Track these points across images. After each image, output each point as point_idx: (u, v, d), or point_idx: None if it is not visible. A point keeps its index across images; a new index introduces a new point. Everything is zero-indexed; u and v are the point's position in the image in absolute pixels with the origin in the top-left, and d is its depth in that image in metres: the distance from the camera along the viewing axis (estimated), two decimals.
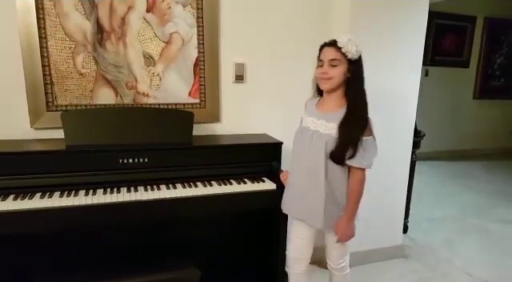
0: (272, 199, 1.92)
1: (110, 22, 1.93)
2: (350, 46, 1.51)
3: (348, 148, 1.55)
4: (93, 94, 1.98)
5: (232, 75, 2.21)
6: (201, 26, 2.07)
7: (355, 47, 1.52)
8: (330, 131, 1.57)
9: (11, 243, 1.81)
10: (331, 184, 1.63)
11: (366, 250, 2.62)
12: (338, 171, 1.61)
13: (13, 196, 1.63)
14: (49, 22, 1.84)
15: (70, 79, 1.93)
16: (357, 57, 1.55)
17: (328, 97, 1.65)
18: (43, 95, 1.90)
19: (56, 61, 1.89)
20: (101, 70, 1.97)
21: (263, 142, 2.13)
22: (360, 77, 1.60)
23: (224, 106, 2.25)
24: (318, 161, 1.59)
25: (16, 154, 1.70)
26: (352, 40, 1.53)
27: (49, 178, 1.71)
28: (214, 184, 1.88)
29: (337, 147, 1.55)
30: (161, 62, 2.06)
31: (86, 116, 1.82)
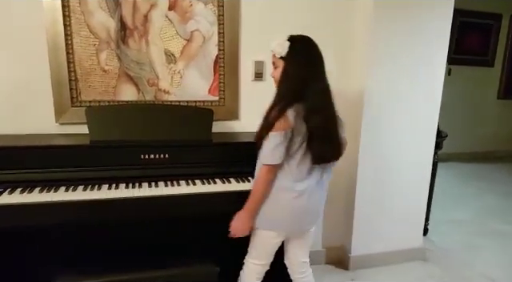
0: None
1: (132, 20, 1.96)
2: (276, 48, 1.59)
3: (258, 146, 1.60)
4: (115, 90, 2.02)
5: (251, 73, 2.21)
6: (221, 24, 2.09)
7: (281, 47, 1.57)
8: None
9: (35, 234, 1.86)
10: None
11: (386, 251, 2.61)
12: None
13: (38, 189, 1.68)
14: (74, 19, 1.89)
15: (93, 76, 1.98)
16: (284, 55, 1.57)
17: None
18: (68, 91, 1.95)
19: (80, 58, 1.94)
20: (123, 67, 2.01)
21: None
22: (285, 73, 1.59)
23: (243, 103, 2.26)
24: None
25: (42, 148, 1.75)
26: (281, 43, 1.59)
27: (73, 172, 1.75)
28: (233, 181, 1.89)
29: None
30: (182, 59, 2.09)
31: (110, 112, 1.86)
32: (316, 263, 2.55)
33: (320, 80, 1.58)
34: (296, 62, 1.57)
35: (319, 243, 2.59)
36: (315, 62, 1.58)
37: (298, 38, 1.64)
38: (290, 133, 1.51)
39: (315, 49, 1.62)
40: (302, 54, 1.58)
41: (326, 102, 1.58)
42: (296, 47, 1.58)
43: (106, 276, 1.52)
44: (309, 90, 1.54)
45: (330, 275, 2.49)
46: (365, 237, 2.53)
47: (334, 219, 2.57)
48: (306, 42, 1.65)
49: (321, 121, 1.53)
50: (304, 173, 1.59)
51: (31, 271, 1.87)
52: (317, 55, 1.60)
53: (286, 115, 1.50)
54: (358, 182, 2.42)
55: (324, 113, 1.56)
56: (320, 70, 1.59)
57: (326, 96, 1.58)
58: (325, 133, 1.56)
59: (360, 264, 2.56)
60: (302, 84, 1.54)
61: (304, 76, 1.55)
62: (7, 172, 1.71)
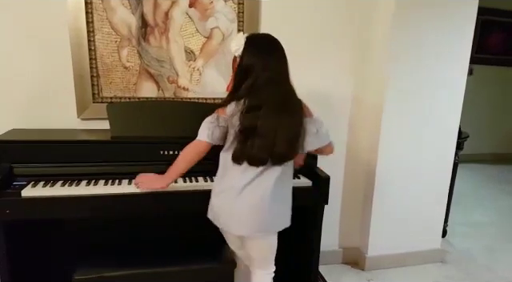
0: (307, 196, 1.91)
1: (153, 17, 1.98)
2: (233, 46, 1.55)
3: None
4: (136, 87, 2.05)
5: None
6: (241, 21, 2.09)
7: (237, 44, 1.53)
8: None
9: (57, 226, 1.91)
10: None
11: (403, 252, 2.57)
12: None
13: (60, 182, 1.72)
14: (96, 16, 1.92)
15: (114, 72, 2.01)
16: (240, 52, 1.52)
17: None
18: (90, 87, 1.98)
19: (102, 54, 1.97)
20: (144, 64, 2.03)
21: None
22: (238, 67, 1.54)
23: None
24: None
25: (64, 142, 1.79)
26: (238, 39, 1.54)
27: (94, 166, 1.78)
28: None
29: None
30: (201, 57, 2.10)
31: (130, 108, 1.89)
32: (332, 262, 2.55)
33: (276, 82, 1.49)
34: (249, 55, 1.50)
35: (336, 243, 2.57)
36: (272, 60, 1.51)
37: (255, 34, 1.63)
38: (223, 119, 1.51)
39: (274, 47, 1.56)
40: (258, 48, 1.52)
41: (273, 103, 1.47)
42: (252, 42, 1.53)
43: (125, 270, 1.54)
44: (256, 88, 1.47)
45: (347, 276, 2.47)
46: (382, 238, 2.50)
47: (351, 220, 2.55)
48: (263, 39, 1.61)
49: (252, 120, 1.45)
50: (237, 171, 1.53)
51: (52, 262, 1.92)
52: (275, 54, 1.54)
53: (226, 106, 1.52)
54: (377, 182, 2.40)
55: (264, 112, 1.46)
56: (277, 70, 1.51)
57: (278, 100, 1.48)
58: (254, 133, 1.46)
59: (377, 265, 2.53)
60: (251, 79, 1.47)
61: (253, 71, 1.47)
62: (30, 166, 1.75)
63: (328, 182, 1.90)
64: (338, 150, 2.37)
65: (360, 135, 2.43)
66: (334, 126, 2.33)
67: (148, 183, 1.63)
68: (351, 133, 2.43)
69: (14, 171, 1.73)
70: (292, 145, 1.53)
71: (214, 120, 1.53)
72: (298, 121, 1.53)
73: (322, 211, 1.96)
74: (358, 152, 2.46)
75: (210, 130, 1.52)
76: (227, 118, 1.51)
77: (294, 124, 1.52)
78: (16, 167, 1.74)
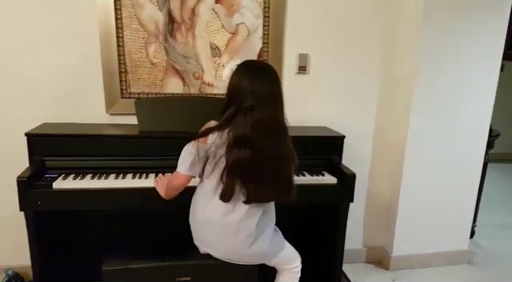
0: (332, 194, 1.91)
1: (180, 13, 2.00)
2: (225, 72, 1.62)
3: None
4: (163, 83, 2.08)
5: (295, 66, 2.20)
6: (267, 17, 2.08)
7: (229, 71, 1.57)
8: None
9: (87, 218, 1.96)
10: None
11: (429, 253, 2.52)
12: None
13: (90, 176, 1.77)
14: (125, 12, 1.95)
15: (142, 68, 2.04)
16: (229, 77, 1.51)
17: None
18: (118, 83, 2.02)
19: (130, 50, 2.00)
20: (171, 61, 2.06)
21: (324, 135, 2.11)
22: (226, 95, 1.50)
23: (285, 97, 2.21)
24: None
25: (94, 137, 1.84)
26: (231, 66, 1.58)
27: (122, 160, 1.83)
28: None
29: None
30: (226, 53, 2.11)
31: (157, 104, 1.92)
32: (356, 261, 2.52)
33: (262, 109, 1.40)
34: (236, 82, 1.44)
35: (360, 241, 2.54)
36: (258, 88, 1.40)
37: (247, 61, 1.56)
38: (202, 149, 1.44)
39: (262, 70, 1.48)
40: (246, 75, 1.43)
41: (265, 136, 1.40)
42: (244, 68, 1.48)
43: (150, 262, 1.57)
44: (244, 116, 1.39)
45: (371, 275, 2.44)
46: (407, 237, 2.45)
47: (376, 218, 2.52)
48: (257, 65, 1.57)
49: (241, 154, 1.39)
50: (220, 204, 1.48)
51: (80, 253, 1.98)
52: (263, 78, 1.44)
53: (208, 136, 1.44)
54: (404, 180, 2.35)
55: (254, 147, 1.39)
56: (265, 99, 1.41)
57: (265, 129, 1.40)
58: (243, 171, 1.42)
59: (401, 265, 2.49)
60: (236, 107, 1.41)
61: (238, 97, 1.41)
62: (61, 159, 1.81)
63: (354, 179, 1.88)
64: (364, 145, 2.38)
65: (387, 131, 2.39)
66: (361, 121, 2.36)
67: (159, 188, 1.65)
68: (378, 128, 2.39)
69: (46, 163, 1.80)
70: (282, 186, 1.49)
71: (193, 150, 1.45)
72: (289, 152, 1.48)
73: (347, 209, 1.95)
74: (385, 149, 2.42)
75: (189, 163, 1.46)
76: (207, 147, 1.44)
77: (286, 158, 1.47)
78: (48, 160, 1.80)
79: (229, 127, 1.41)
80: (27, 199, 1.64)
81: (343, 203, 1.93)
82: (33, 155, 1.79)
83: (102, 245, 1.73)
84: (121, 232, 1.89)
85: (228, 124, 1.42)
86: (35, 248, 1.74)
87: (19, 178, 1.62)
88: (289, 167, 1.48)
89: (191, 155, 1.46)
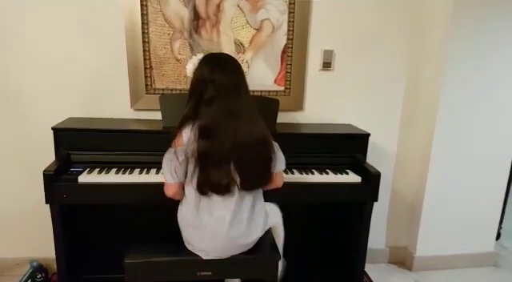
0: (356, 193, 1.88)
1: (205, 10, 2.00)
2: (189, 67, 1.55)
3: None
4: (187, 79, 2.07)
5: (319, 63, 2.17)
6: (292, 12, 2.06)
7: (193, 65, 1.52)
8: None
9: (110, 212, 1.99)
10: None
11: (453, 254, 2.47)
12: None
13: (115, 170, 1.79)
14: (151, 8, 1.96)
15: (167, 64, 2.05)
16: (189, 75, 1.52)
17: None
18: (143, 79, 2.03)
19: (155, 46, 2.01)
20: None
21: (349, 132, 2.08)
22: (190, 87, 1.50)
23: (308, 94, 2.22)
24: None
25: (119, 131, 1.86)
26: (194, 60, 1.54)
27: (147, 155, 1.84)
28: (296, 172, 1.88)
29: None
30: (250, 49, 2.10)
31: (181, 100, 1.91)
32: (378, 261, 2.49)
33: (225, 97, 1.41)
34: (197, 75, 1.47)
35: (382, 241, 2.50)
36: (219, 79, 1.41)
37: (207, 54, 1.55)
38: (181, 152, 1.41)
39: (223, 61, 1.50)
40: (206, 67, 1.45)
41: (229, 124, 1.40)
42: (204, 60, 1.49)
43: (172, 256, 1.57)
44: (206, 107, 1.41)
45: (393, 275, 2.41)
46: (431, 238, 2.41)
47: (400, 218, 2.47)
48: (216, 56, 1.56)
49: (206, 145, 1.38)
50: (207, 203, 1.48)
51: (104, 245, 2.01)
52: (225, 67, 1.45)
53: (181, 134, 1.43)
54: (429, 180, 2.30)
55: (220, 136, 1.39)
56: (225, 89, 1.41)
57: (229, 116, 1.40)
58: (212, 160, 1.40)
59: (425, 266, 2.44)
60: (199, 99, 1.42)
61: (201, 90, 1.42)
62: (86, 153, 1.83)
63: (378, 178, 1.85)
64: (388, 144, 2.33)
65: (413, 130, 2.34)
66: (386, 120, 2.32)
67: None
68: (403, 127, 2.35)
69: (72, 157, 1.83)
70: (263, 166, 1.48)
71: (172, 157, 1.44)
72: (260, 135, 1.45)
73: (371, 208, 1.92)
74: (410, 148, 2.37)
75: (172, 171, 1.45)
76: (185, 148, 1.41)
77: (256, 139, 1.44)
78: (73, 154, 1.83)
79: (195, 120, 1.42)
80: (53, 192, 1.67)
81: (367, 202, 1.90)
82: (59, 149, 1.82)
83: (125, 238, 1.73)
84: (144, 226, 1.90)
85: (193, 117, 1.43)
86: (60, 241, 1.77)
87: (45, 171, 1.65)
88: (257, 153, 1.45)
89: (171, 161, 1.45)
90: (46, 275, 2.08)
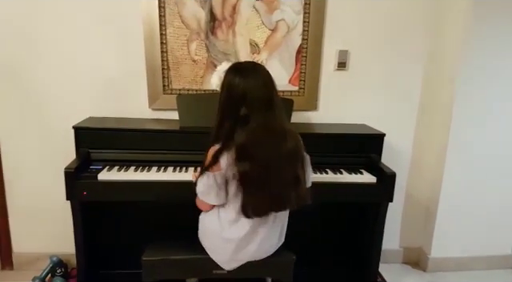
0: (371, 193, 1.88)
1: (222, 11, 2.03)
2: (214, 81, 1.58)
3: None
4: (203, 80, 2.12)
5: (334, 63, 2.17)
6: (307, 13, 2.07)
7: (218, 78, 1.52)
8: None
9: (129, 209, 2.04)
10: None
11: (469, 256, 2.45)
12: None
13: (133, 168, 1.83)
14: (168, 10, 2.00)
15: (183, 65, 2.09)
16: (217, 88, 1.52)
17: None
18: (161, 79, 2.08)
19: (173, 48, 2.05)
20: (211, 58, 2.09)
21: (364, 132, 2.08)
22: (218, 106, 1.41)
23: (322, 94, 2.23)
24: None
25: (138, 131, 1.90)
26: (219, 72, 1.54)
27: (164, 154, 1.88)
28: None
29: None
30: (265, 49, 2.12)
31: (198, 100, 1.96)
32: (392, 262, 2.48)
33: (260, 112, 1.33)
34: (228, 90, 1.36)
35: (396, 242, 2.50)
36: (251, 94, 1.32)
37: (236, 64, 1.46)
38: (219, 176, 1.37)
39: (255, 77, 1.37)
40: (235, 79, 1.34)
41: (266, 142, 1.34)
42: (233, 72, 1.37)
43: (189, 254, 1.60)
44: (242, 126, 1.33)
45: (407, 276, 2.39)
46: (447, 239, 2.39)
47: (414, 219, 2.46)
48: (244, 66, 1.44)
49: (247, 168, 1.32)
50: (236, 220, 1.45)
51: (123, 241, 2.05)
52: (256, 85, 1.35)
53: (219, 161, 1.36)
54: (444, 180, 2.28)
55: (259, 155, 1.33)
56: (258, 105, 1.33)
57: (266, 133, 1.34)
58: (256, 182, 1.35)
59: (439, 267, 2.42)
60: (236, 118, 1.33)
61: (236, 107, 1.33)
62: (106, 151, 1.88)
63: (394, 179, 1.85)
64: (403, 144, 2.33)
65: (429, 130, 2.33)
66: (401, 120, 2.31)
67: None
68: (419, 127, 2.34)
69: (91, 155, 1.88)
70: (297, 186, 1.41)
71: (211, 181, 1.38)
72: (295, 153, 1.40)
73: (386, 209, 1.92)
74: (425, 148, 2.36)
75: (215, 195, 1.41)
76: (223, 173, 1.37)
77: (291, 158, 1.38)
78: (93, 152, 1.88)
79: (231, 143, 1.34)
80: (73, 189, 1.72)
81: (382, 202, 1.90)
82: (79, 148, 1.87)
83: (142, 234, 1.79)
84: (161, 222, 1.94)
85: (229, 140, 1.35)
86: (80, 236, 1.83)
87: (66, 169, 1.71)
88: (294, 168, 1.40)
89: (212, 187, 1.40)
90: (65, 270, 2.14)
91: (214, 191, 1.41)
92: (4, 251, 2.23)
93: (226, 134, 1.35)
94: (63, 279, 2.06)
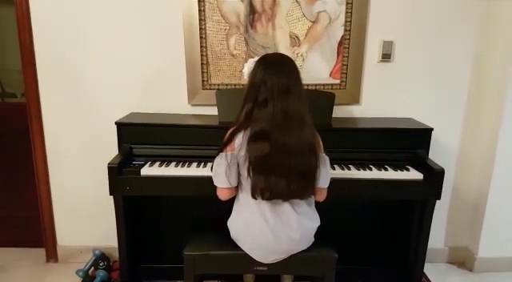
0: (418, 191, 1.80)
1: (261, 4, 1.99)
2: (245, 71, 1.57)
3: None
4: (242, 75, 2.08)
5: (378, 54, 2.09)
6: (350, 3, 1.99)
7: (248, 68, 1.53)
8: None
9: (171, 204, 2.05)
10: None
11: (494, 257, 2.32)
12: None
13: (174, 163, 1.84)
14: (208, 4, 1.98)
15: (222, 60, 2.07)
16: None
17: None
18: (200, 74, 2.07)
19: (212, 42, 2.03)
20: (250, 52, 2.06)
21: (411, 127, 1.99)
22: (245, 93, 1.47)
23: (365, 87, 2.15)
24: None
25: (179, 126, 1.90)
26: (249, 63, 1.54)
27: (204, 150, 1.86)
28: (352, 168, 1.83)
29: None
30: (306, 42, 2.06)
31: (237, 95, 1.90)
32: (436, 261, 2.39)
33: (278, 99, 1.38)
34: (251, 78, 1.46)
35: (441, 240, 2.39)
36: (270, 80, 1.39)
37: (263, 56, 1.52)
38: (231, 157, 1.43)
39: (279, 62, 1.46)
40: (259, 69, 1.43)
41: (281, 127, 1.37)
42: (258, 62, 1.46)
43: (230, 250, 1.59)
44: (260, 109, 1.39)
45: (453, 277, 2.29)
46: (495, 238, 2.27)
47: (460, 217, 2.35)
48: (270, 56, 1.52)
49: (260, 149, 1.37)
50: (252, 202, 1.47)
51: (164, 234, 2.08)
52: (276, 73, 1.40)
53: (234, 140, 1.43)
54: (494, 177, 2.16)
55: (271, 139, 1.37)
56: (276, 91, 1.38)
57: (282, 119, 1.37)
58: (264, 164, 1.38)
59: (487, 267, 2.31)
60: (254, 103, 1.41)
61: (256, 93, 1.40)
62: (147, 147, 1.90)
63: (442, 175, 1.77)
64: (451, 139, 2.22)
65: (477, 124, 2.21)
66: (448, 114, 2.21)
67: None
68: (467, 121, 2.23)
69: (134, 151, 1.90)
70: (307, 178, 1.43)
71: (223, 161, 1.44)
72: (309, 144, 1.41)
73: (433, 207, 1.84)
74: (474, 144, 2.24)
75: (224, 175, 1.45)
76: (236, 153, 1.43)
77: (304, 148, 1.40)
78: (135, 148, 1.90)
79: (249, 125, 1.41)
80: (117, 184, 1.75)
81: (429, 200, 1.82)
82: (121, 143, 1.90)
83: (182, 228, 1.81)
84: (200, 217, 1.92)
85: (247, 122, 1.41)
86: (122, 231, 1.86)
87: (110, 164, 1.73)
88: (307, 159, 1.41)
89: (222, 166, 1.45)
90: (107, 263, 2.19)
91: (222, 171, 1.44)
92: (49, 243, 2.30)
93: (245, 115, 1.43)
94: (106, 272, 2.11)
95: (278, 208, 1.48)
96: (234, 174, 1.46)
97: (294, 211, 1.49)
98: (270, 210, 1.47)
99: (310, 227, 1.54)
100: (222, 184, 1.49)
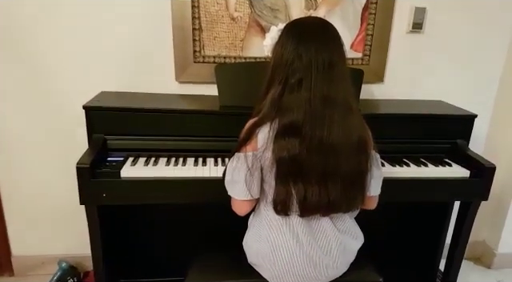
0: (462, 191, 1.52)
1: None
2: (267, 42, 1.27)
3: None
4: (243, 44, 1.68)
5: (408, 23, 1.75)
6: None
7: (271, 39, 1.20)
8: None
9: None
10: None
11: None
12: None
13: (164, 161, 1.43)
14: None
15: (219, 25, 1.63)
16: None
17: None
18: (191, 43, 1.64)
19: (206, 1, 1.59)
20: (255, 14, 1.64)
21: (451, 113, 1.67)
22: (268, 74, 1.09)
23: (391, 62, 1.81)
24: None
25: (165, 111, 1.47)
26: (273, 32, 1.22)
27: (201, 141, 1.48)
28: (386, 164, 1.49)
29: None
30: (324, 4, 1.67)
31: (244, 71, 1.51)
32: None
33: (317, 79, 1.01)
34: (278, 53, 1.06)
35: None
36: (306, 55, 1.01)
37: (293, 21, 1.13)
38: (253, 158, 1.05)
39: (315, 35, 1.04)
40: (289, 40, 1.04)
41: (321, 117, 1.01)
42: (286, 31, 1.07)
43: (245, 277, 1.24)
44: (292, 94, 1.02)
45: (471, 273, 2.10)
46: None
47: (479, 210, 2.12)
48: (301, 22, 1.11)
49: (292, 147, 1.01)
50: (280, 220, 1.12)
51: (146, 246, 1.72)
52: (315, 44, 1.02)
53: (256, 136, 1.05)
54: None
55: (306, 135, 1.00)
56: (315, 68, 1.00)
57: (323, 106, 1.01)
58: (298, 168, 1.02)
59: (507, 263, 2.14)
60: (283, 86, 1.03)
61: (285, 74, 1.03)
62: (126, 138, 1.46)
63: (493, 173, 1.48)
64: (478, 125, 1.90)
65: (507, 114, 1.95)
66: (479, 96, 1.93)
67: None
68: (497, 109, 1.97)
69: (108, 143, 1.46)
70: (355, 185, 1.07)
71: (240, 166, 1.07)
72: (358, 141, 1.05)
73: (476, 209, 1.58)
74: (502, 132, 1.99)
75: (245, 184, 1.07)
76: (259, 154, 1.05)
77: (352, 146, 1.04)
78: (110, 139, 1.46)
79: (276, 116, 1.03)
80: (89, 190, 1.31)
81: (474, 202, 1.55)
82: (92, 134, 1.45)
83: (165, 239, 1.56)
84: (209, 230, 1.55)
85: (274, 111, 1.03)
86: (97, 248, 1.43)
87: (79, 164, 1.28)
88: (355, 160, 1.06)
89: (241, 171, 1.07)
90: (78, 279, 1.79)
91: (242, 178, 1.07)
92: (1, 253, 1.86)
93: (271, 102, 1.04)
94: None
95: (315, 225, 1.12)
96: (257, 181, 1.08)
97: (335, 229, 1.13)
98: (304, 227, 1.11)
99: (354, 247, 1.20)
100: (241, 196, 1.10)
